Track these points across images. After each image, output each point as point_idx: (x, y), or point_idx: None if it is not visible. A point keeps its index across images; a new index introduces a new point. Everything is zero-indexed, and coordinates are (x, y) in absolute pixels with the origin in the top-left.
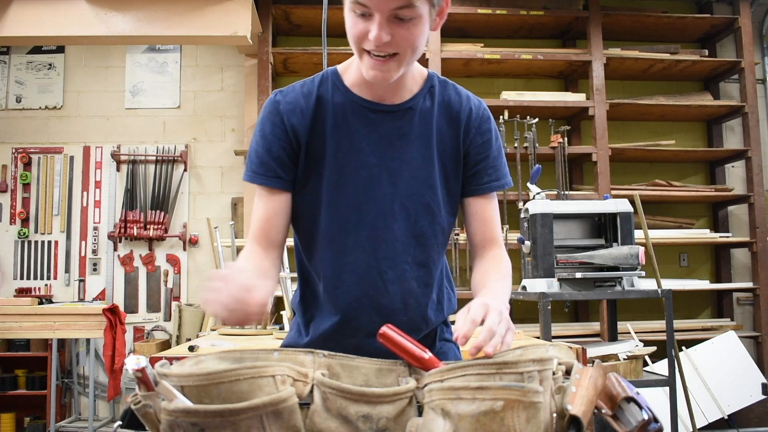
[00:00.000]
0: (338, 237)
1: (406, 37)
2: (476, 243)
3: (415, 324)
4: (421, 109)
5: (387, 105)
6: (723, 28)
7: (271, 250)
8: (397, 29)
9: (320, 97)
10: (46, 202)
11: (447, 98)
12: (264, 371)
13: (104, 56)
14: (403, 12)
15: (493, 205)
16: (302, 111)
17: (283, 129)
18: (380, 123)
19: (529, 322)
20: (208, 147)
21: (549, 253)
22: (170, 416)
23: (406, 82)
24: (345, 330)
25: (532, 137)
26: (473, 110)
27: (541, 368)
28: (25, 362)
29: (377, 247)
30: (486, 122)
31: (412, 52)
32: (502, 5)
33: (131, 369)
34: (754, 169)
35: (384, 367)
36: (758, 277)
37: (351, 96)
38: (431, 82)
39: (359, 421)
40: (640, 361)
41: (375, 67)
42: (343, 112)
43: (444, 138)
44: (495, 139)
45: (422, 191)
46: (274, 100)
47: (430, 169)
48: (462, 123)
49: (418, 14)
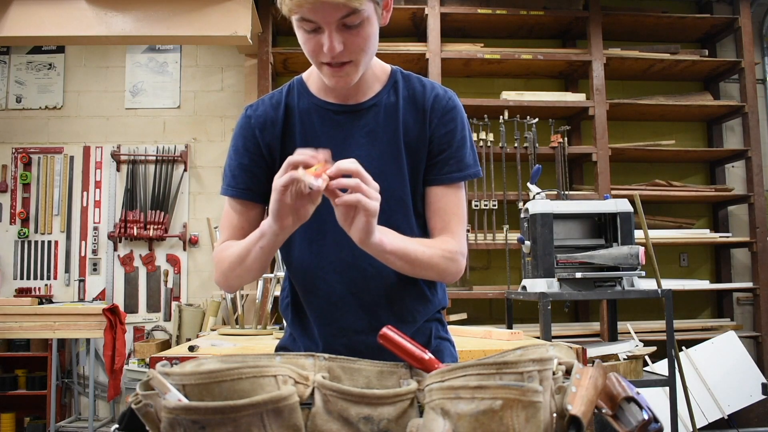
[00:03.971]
0: (315, 239)
1: (358, 43)
2: (431, 232)
3: (402, 317)
4: (386, 104)
5: (351, 105)
6: (723, 28)
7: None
8: (348, 36)
9: (288, 105)
10: (46, 202)
11: (411, 91)
12: (266, 371)
13: (104, 56)
14: (349, 19)
15: (453, 196)
16: (272, 122)
17: (255, 143)
18: (346, 123)
19: (529, 322)
20: (208, 147)
21: (549, 253)
22: (171, 414)
23: (368, 80)
24: (333, 331)
25: (532, 137)
26: (437, 100)
27: (541, 368)
28: (25, 362)
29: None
30: (450, 112)
31: (366, 53)
32: (502, 5)
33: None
34: (754, 169)
35: (385, 369)
36: (758, 277)
37: (315, 101)
38: (394, 77)
39: (360, 423)
40: (640, 361)
41: (334, 75)
42: (310, 118)
43: (410, 131)
44: (460, 129)
45: (393, 185)
46: (246, 116)
47: (400, 163)
48: (427, 114)
49: (364, 17)
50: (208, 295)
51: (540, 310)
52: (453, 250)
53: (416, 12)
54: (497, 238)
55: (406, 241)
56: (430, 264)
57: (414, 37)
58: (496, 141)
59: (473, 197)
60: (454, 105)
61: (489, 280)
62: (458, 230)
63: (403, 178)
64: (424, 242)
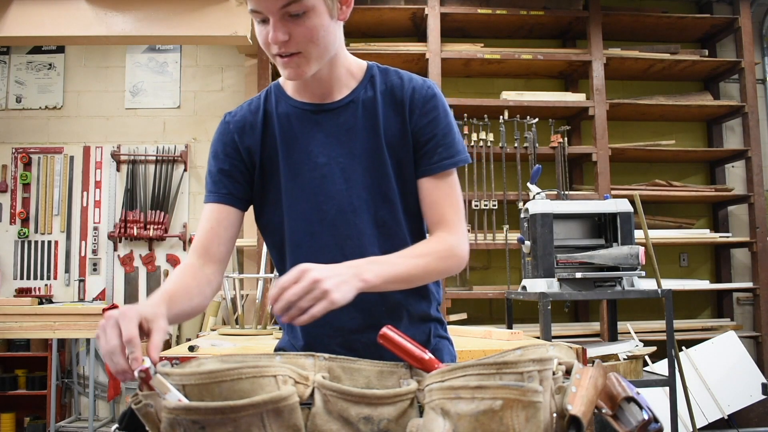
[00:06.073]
0: (304, 242)
1: (303, 33)
2: (428, 227)
3: (396, 313)
4: (364, 100)
5: (328, 103)
6: (723, 28)
7: (209, 265)
8: (293, 27)
9: (266, 111)
10: (46, 202)
11: (389, 85)
12: (266, 371)
13: (104, 56)
14: (291, 8)
15: (445, 186)
16: (252, 127)
17: (234, 148)
18: (325, 122)
19: (529, 322)
20: (208, 147)
21: (549, 253)
22: (171, 414)
23: (343, 77)
24: (328, 331)
25: (532, 137)
26: (415, 90)
27: (541, 368)
28: (25, 362)
29: (343, 244)
30: (430, 101)
31: (316, 45)
32: (502, 5)
33: (135, 370)
34: (754, 169)
35: (385, 369)
36: (758, 277)
37: (293, 102)
38: (371, 72)
39: (360, 423)
40: (640, 361)
41: (286, 66)
42: (288, 120)
43: (391, 125)
44: (443, 116)
45: (377, 181)
46: (225, 122)
47: (382, 158)
48: (406, 106)
49: (308, 6)
50: None
51: (540, 310)
52: (449, 246)
53: (416, 12)
54: (497, 238)
55: (396, 263)
56: (428, 273)
57: (414, 37)
58: (496, 141)
59: (473, 197)
60: (434, 93)
61: (489, 280)
62: (454, 220)
63: (387, 174)
64: (417, 251)
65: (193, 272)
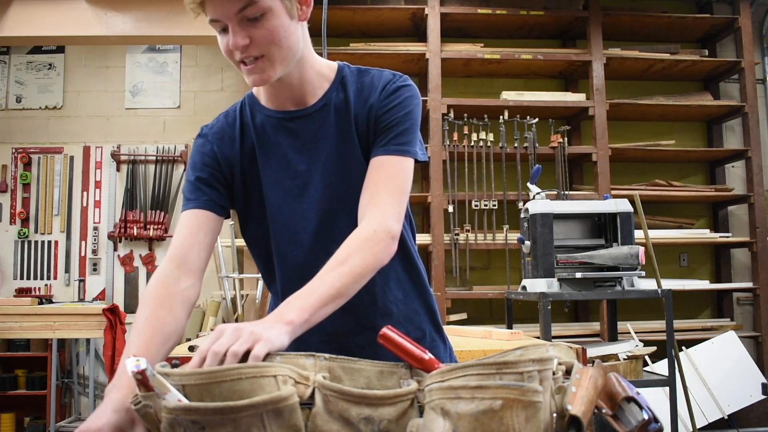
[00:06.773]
0: (290, 250)
1: (263, 35)
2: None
3: (387, 310)
4: (336, 102)
5: (302, 110)
6: (723, 28)
7: (186, 277)
8: (253, 30)
9: (243, 122)
10: (46, 202)
11: (361, 84)
12: (266, 371)
13: (104, 56)
14: (248, 12)
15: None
16: (231, 138)
17: (213, 157)
18: (300, 129)
19: (529, 322)
20: None
21: (549, 253)
22: (171, 414)
23: (315, 81)
24: (322, 337)
25: (532, 137)
26: (383, 84)
27: (541, 368)
28: (25, 362)
29: (328, 248)
30: (397, 90)
31: (278, 47)
32: (502, 5)
33: (131, 371)
34: (754, 169)
35: (386, 369)
36: (758, 277)
37: (267, 112)
38: (342, 73)
39: (361, 423)
40: (640, 361)
41: (250, 72)
42: (264, 131)
43: (360, 124)
44: (405, 107)
45: (356, 183)
46: (202, 134)
47: (358, 158)
48: (375, 98)
49: (265, 8)
50: (208, 295)
51: (540, 310)
52: (372, 231)
53: (416, 12)
54: (497, 238)
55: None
56: (356, 276)
57: (414, 37)
58: (496, 141)
59: (473, 197)
60: (402, 85)
61: (489, 280)
62: (385, 200)
63: (364, 173)
64: (338, 257)
65: (166, 293)
